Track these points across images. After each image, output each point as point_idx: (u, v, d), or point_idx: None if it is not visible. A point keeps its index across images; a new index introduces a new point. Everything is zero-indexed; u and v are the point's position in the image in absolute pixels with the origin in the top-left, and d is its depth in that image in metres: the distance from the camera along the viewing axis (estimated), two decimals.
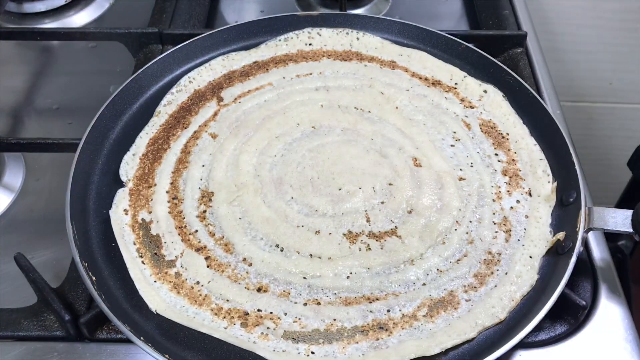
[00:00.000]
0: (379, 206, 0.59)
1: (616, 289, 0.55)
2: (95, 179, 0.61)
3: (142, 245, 0.56)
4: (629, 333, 0.52)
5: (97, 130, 0.63)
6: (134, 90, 0.68)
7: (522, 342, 0.49)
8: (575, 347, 0.51)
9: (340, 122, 0.67)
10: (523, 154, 0.63)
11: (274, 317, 0.51)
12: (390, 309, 0.51)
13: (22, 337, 0.52)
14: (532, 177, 0.61)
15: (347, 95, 0.69)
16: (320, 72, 0.72)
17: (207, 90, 0.70)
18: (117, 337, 0.52)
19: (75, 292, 0.54)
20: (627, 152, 0.75)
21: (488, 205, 0.59)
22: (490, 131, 0.65)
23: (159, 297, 0.52)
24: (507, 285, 0.53)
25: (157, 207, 0.59)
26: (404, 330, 0.50)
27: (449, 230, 0.57)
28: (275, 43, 0.75)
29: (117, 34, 0.77)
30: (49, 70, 0.81)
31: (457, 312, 0.51)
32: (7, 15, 0.88)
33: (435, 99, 0.69)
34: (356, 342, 0.50)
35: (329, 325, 0.51)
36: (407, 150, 0.63)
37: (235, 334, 0.50)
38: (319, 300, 0.52)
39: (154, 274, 0.54)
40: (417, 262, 0.55)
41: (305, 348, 0.49)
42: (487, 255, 0.55)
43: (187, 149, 0.64)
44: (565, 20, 1.06)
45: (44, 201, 0.66)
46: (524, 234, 0.56)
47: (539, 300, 0.51)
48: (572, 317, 0.52)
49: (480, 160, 0.63)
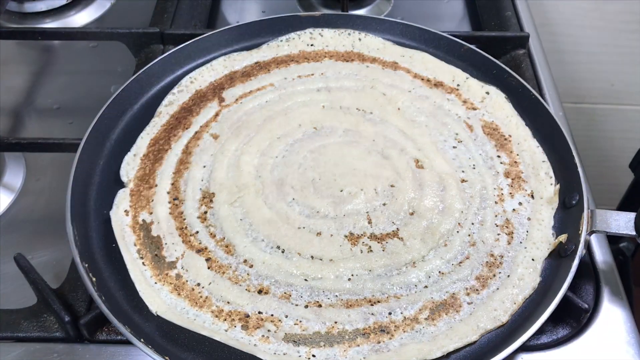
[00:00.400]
0: (381, 208, 0.58)
1: (618, 292, 0.55)
2: (96, 180, 0.61)
3: (143, 247, 0.56)
4: (632, 336, 0.52)
5: (97, 130, 0.63)
6: (135, 90, 0.68)
7: (524, 345, 0.49)
8: (578, 350, 0.51)
9: (342, 123, 0.66)
10: (525, 156, 0.63)
11: (274, 320, 0.51)
12: (392, 312, 0.51)
13: (22, 338, 0.52)
14: (534, 179, 0.61)
15: (349, 96, 0.69)
16: (322, 73, 0.72)
17: (208, 90, 0.70)
18: (117, 338, 0.52)
19: (75, 293, 0.54)
20: (629, 153, 0.75)
21: (490, 207, 0.59)
22: (492, 133, 0.65)
23: (160, 298, 0.52)
24: (509, 288, 0.53)
25: (158, 208, 0.59)
26: (405, 333, 0.50)
27: (451, 232, 0.57)
28: (276, 43, 0.74)
29: (118, 33, 0.77)
30: (49, 70, 0.81)
31: (459, 315, 0.51)
32: (8, 15, 0.88)
33: (438, 101, 0.69)
34: (357, 345, 0.49)
35: (330, 327, 0.50)
36: (409, 152, 0.63)
37: (236, 336, 0.50)
38: (320, 303, 0.52)
39: (155, 275, 0.54)
40: (418, 264, 0.54)
41: (306, 351, 0.49)
42: (489, 257, 0.55)
43: (188, 149, 0.64)
44: (568, 22, 1.06)
45: (44, 201, 0.66)
46: (526, 237, 0.56)
47: (541, 303, 0.50)
48: (574, 320, 0.52)
49: (483, 162, 0.62)
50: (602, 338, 0.52)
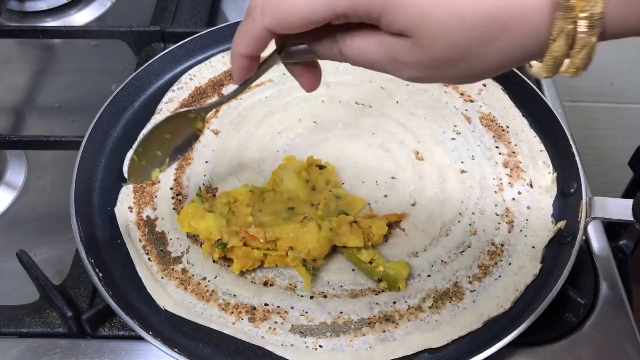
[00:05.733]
0: (382, 199, 0.59)
1: (617, 287, 0.55)
2: (99, 177, 0.61)
3: (148, 242, 0.56)
4: (630, 331, 0.52)
5: (99, 128, 0.63)
6: (135, 88, 0.68)
7: (523, 340, 0.49)
8: (576, 345, 0.51)
9: (342, 117, 0.67)
10: (523, 146, 0.63)
11: (281, 312, 0.51)
12: (397, 301, 0.52)
13: (25, 333, 0.52)
14: (532, 168, 0.61)
15: (348, 90, 0.70)
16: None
17: (208, 87, 0.70)
18: (119, 333, 0.52)
19: (78, 289, 0.54)
20: (628, 151, 0.75)
21: (490, 197, 0.59)
22: (490, 124, 0.66)
23: (167, 293, 0.53)
24: (511, 275, 0.53)
25: (162, 204, 0.59)
26: (410, 322, 0.51)
27: (452, 222, 0.57)
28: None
29: (119, 32, 0.77)
30: (51, 69, 0.81)
31: (463, 303, 0.52)
32: (9, 14, 0.87)
33: (435, 93, 0.69)
34: (363, 334, 0.50)
35: (336, 318, 0.51)
36: (408, 144, 0.64)
37: (243, 329, 0.50)
38: (325, 293, 0.53)
39: (161, 270, 0.54)
40: (421, 254, 0.55)
41: (313, 342, 0.50)
42: (490, 246, 0.56)
43: None
44: None
45: (46, 199, 0.66)
46: (526, 225, 0.57)
47: (543, 289, 0.51)
48: (572, 315, 0.52)
49: (481, 153, 0.63)
50: (600, 333, 0.52)
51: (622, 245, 0.80)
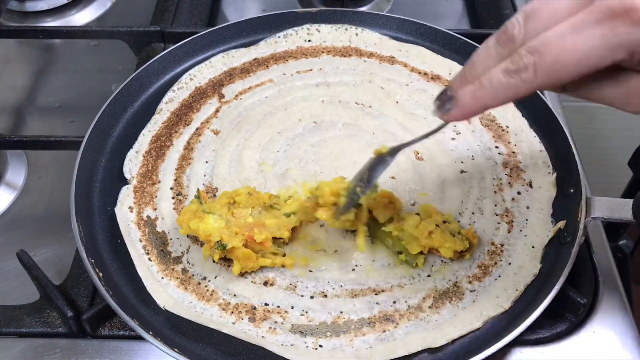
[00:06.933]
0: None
1: (617, 287, 0.55)
2: (99, 177, 0.61)
3: (148, 242, 0.56)
4: (629, 331, 0.52)
5: (99, 128, 0.63)
6: (135, 88, 0.68)
7: (523, 340, 0.49)
8: (576, 345, 0.51)
9: (342, 117, 0.67)
10: (523, 146, 0.64)
11: (281, 311, 0.51)
12: (397, 301, 0.52)
13: (25, 333, 0.52)
14: (532, 168, 0.62)
15: (348, 90, 0.70)
16: (320, 68, 0.72)
17: (208, 87, 0.70)
18: (119, 333, 0.52)
19: (78, 289, 0.55)
20: (628, 151, 0.75)
21: (490, 197, 0.59)
22: (490, 124, 0.66)
23: (167, 293, 0.53)
24: (511, 275, 0.53)
25: (162, 204, 0.59)
26: (410, 322, 0.51)
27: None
28: (274, 40, 0.75)
29: (119, 32, 0.77)
30: (51, 69, 0.82)
31: (462, 302, 0.52)
32: (10, 14, 0.88)
33: (435, 93, 0.69)
34: (363, 334, 0.50)
35: (336, 317, 0.51)
36: None
37: (243, 329, 0.50)
38: (325, 293, 0.53)
39: (161, 270, 0.54)
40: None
41: (313, 341, 0.50)
42: (490, 246, 0.56)
43: (189, 145, 0.64)
44: None
45: (46, 199, 0.66)
46: (525, 225, 0.57)
47: (542, 289, 0.51)
48: (572, 315, 0.52)
49: (481, 153, 0.63)
50: (600, 333, 0.52)
51: (622, 245, 0.80)
